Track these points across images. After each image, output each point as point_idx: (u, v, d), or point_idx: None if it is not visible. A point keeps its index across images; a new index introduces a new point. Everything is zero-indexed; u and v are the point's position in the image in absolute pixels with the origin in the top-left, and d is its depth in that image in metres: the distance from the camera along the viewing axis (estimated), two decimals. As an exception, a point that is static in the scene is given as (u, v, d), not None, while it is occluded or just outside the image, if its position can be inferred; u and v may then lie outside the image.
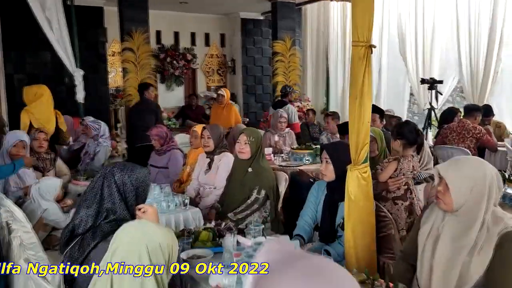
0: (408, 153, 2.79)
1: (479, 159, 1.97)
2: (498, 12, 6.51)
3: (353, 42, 2.26)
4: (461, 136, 4.97)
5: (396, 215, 2.74)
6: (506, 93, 6.78)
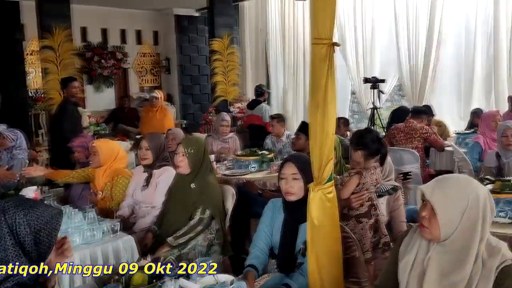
0: (370, 165, 2.50)
1: (467, 177, 1.69)
2: (436, 11, 6.53)
3: (314, 40, 1.90)
4: (408, 137, 4.86)
5: (360, 235, 2.44)
6: (446, 92, 6.83)
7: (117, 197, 3.42)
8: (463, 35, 6.56)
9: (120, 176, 3.48)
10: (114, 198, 3.42)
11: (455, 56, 6.70)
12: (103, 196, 3.50)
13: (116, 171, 3.50)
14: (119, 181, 3.46)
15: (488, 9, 6.20)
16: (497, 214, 2.64)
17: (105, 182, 3.52)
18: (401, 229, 2.61)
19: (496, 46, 6.11)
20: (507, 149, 3.55)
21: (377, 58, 7.52)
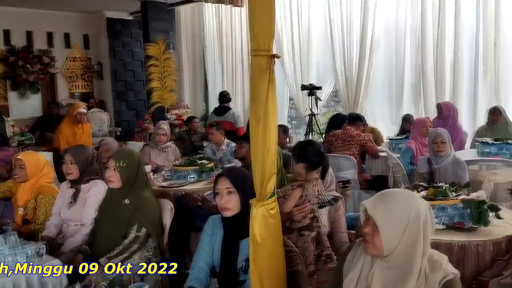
0: (312, 177, 2.48)
1: (408, 192, 1.70)
2: (368, 20, 6.75)
3: (253, 52, 1.83)
4: (346, 143, 4.96)
5: (303, 248, 2.41)
6: (379, 98, 7.08)
7: (41, 217, 3.16)
8: (394, 44, 6.84)
9: (44, 195, 3.22)
10: (38, 218, 3.15)
11: (387, 64, 6.96)
12: (24, 213, 3.22)
13: (41, 188, 3.23)
14: (43, 201, 3.20)
15: (416, 19, 6.50)
16: (432, 220, 2.73)
17: (28, 199, 3.24)
18: (342, 240, 2.61)
19: (423, 55, 6.42)
20: (437, 155, 3.69)
21: (313, 65, 7.65)
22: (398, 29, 6.73)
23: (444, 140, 3.67)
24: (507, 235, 2.53)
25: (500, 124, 5.45)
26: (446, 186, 3.01)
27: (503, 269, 2.35)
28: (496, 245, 2.48)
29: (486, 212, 2.64)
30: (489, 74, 5.93)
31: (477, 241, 2.47)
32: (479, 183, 4.07)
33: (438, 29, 6.22)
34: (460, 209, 2.72)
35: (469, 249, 2.47)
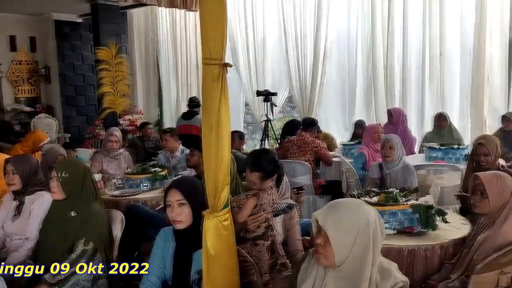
0: (267, 185, 2.46)
1: (357, 201, 1.71)
2: (321, 28, 6.88)
3: (205, 60, 1.80)
4: (301, 150, 4.99)
5: (257, 258, 2.38)
6: (332, 104, 7.22)
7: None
8: (346, 53, 7.01)
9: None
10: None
11: (339, 71, 7.13)
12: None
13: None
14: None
15: (366, 29, 6.70)
16: (383, 226, 2.78)
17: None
18: (297, 247, 2.61)
19: (374, 64, 6.62)
20: (386, 161, 3.78)
21: (268, 71, 7.71)
22: (350, 38, 6.91)
23: (392, 145, 3.76)
24: (453, 239, 2.61)
25: (446, 130, 5.70)
26: (396, 192, 3.09)
27: (451, 273, 2.42)
28: (444, 248, 2.56)
29: (434, 217, 2.72)
30: (435, 82, 6.20)
31: (425, 245, 2.54)
32: (427, 187, 4.22)
33: (387, 39, 6.44)
34: (410, 214, 2.79)
35: (418, 253, 2.53)
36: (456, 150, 4.80)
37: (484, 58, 5.72)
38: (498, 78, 5.79)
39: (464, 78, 6.04)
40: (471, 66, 5.89)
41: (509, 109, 5.67)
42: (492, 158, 3.29)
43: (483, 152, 3.28)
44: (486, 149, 3.27)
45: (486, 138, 3.42)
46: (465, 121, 6.08)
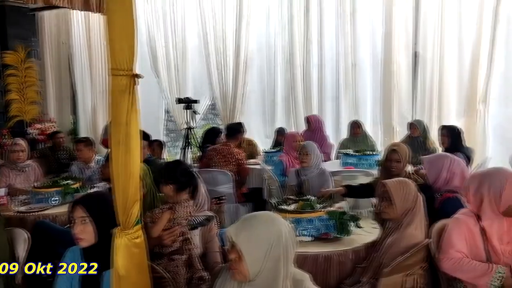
0: (182, 198, 2.40)
1: (270, 215, 1.72)
2: (242, 36, 6.94)
3: (112, 71, 1.71)
4: (225, 160, 4.92)
5: (174, 273, 2.31)
6: (253, 112, 7.30)
7: None
8: (266, 62, 7.14)
9: None
10: None
11: (261, 79, 7.23)
12: None
13: None
14: None
15: (285, 39, 6.87)
16: (300, 233, 2.84)
17: None
18: (216, 260, 2.57)
19: (293, 73, 6.82)
20: (303, 167, 3.88)
21: (189, 78, 7.61)
22: (269, 48, 7.05)
23: (307, 152, 3.87)
24: (365, 243, 2.73)
25: (361, 137, 6.01)
26: (313, 199, 3.18)
27: (361, 276, 2.53)
28: (356, 253, 2.66)
29: (348, 222, 2.83)
30: (349, 92, 6.52)
31: (339, 251, 2.63)
32: (343, 192, 4.41)
33: (305, 49, 6.67)
34: (326, 220, 2.88)
35: (333, 259, 2.61)
36: (369, 156, 5.07)
37: (392, 68, 6.11)
38: (405, 87, 6.21)
39: (375, 87, 6.41)
40: (380, 76, 6.26)
41: (415, 116, 6.09)
42: (403, 164, 3.47)
43: (395, 158, 3.44)
44: (398, 156, 3.43)
45: (399, 146, 3.59)
46: (377, 128, 6.44)
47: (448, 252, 2.24)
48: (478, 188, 2.26)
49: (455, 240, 2.24)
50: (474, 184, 2.29)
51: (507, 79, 5.70)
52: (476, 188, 2.27)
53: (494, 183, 2.22)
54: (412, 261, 2.35)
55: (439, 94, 5.96)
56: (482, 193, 2.24)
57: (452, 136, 4.78)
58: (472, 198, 2.29)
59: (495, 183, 2.22)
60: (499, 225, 2.22)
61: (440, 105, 5.98)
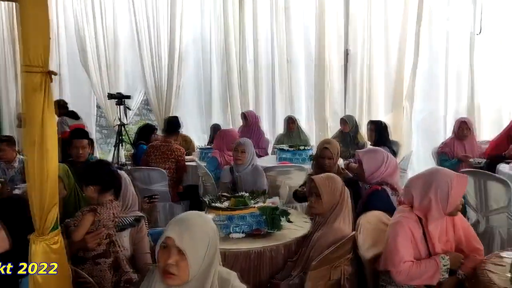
0: (106, 199, 2.30)
1: (199, 213, 1.71)
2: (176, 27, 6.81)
3: (25, 68, 1.60)
4: (164, 156, 4.79)
5: (99, 277, 2.22)
6: (189, 107, 7.20)
7: None
8: (201, 55, 7.06)
9: None
10: None
11: (196, 73, 7.15)
12: None
13: None
14: None
15: (220, 31, 6.83)
16: (233, 229, 2.84)
17: None
18: (146, 261, 2.51)
19: (229, 67, 6.79)
20: (237, 164, 3.87)
21: (121, 73, 7.35)
22: (204, 41, 6.98)
23: (244, 149, 3.86)
24: (296, 237, 2.77)
25: (295, 132, 6.11)
26: (246, 195, 3.19)
27: (292, 270, 2.57)
28: (287, 247, 2.71)
29: (279, 218, 2.87)
30: (284, 87, 6.62)
31: (271, 246, 2.65)
32: (277, 187, 4.48)
33: (240, 44, 6.68)
34: (258, 216, 2.90)
35: (264, 254, 2.63)
36: (302, 151, 5.16)
37: (325, 65, 6.28)
38: (337, 84, 6.41)
39: (309, 83, 6.55)
40: (314, 72, 6.41)
41: (346, 112, 6.30)
42: (334, 160, 3.57)
43: (327, 155, 3.53)
44: (330, 153, 3.52)
45: (330, 143, 3.67)
46: (311, 123, 6.60)
47: (398, 266, 2.17)
48: (425, 192, 2.21)
49: (401, 249, 2.19)
50: (419, 189, 2.24)
51: (431, 77, 6.05)
52: (422, 193, 2.22)
53: (440, 185, 2.18)
54: (339, 254, 2.42)
55: (369, 90, 6.21)
56: (430, 197, 2.19)
57: (378, 131, 5.00)
58: (418, 203, 2.24)
59: (441, 185, 2.18)
60: (441, 226, 2.25)
61: (370, 101, 6.24)
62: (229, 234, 2.81)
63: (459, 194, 2.22)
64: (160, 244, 1.54)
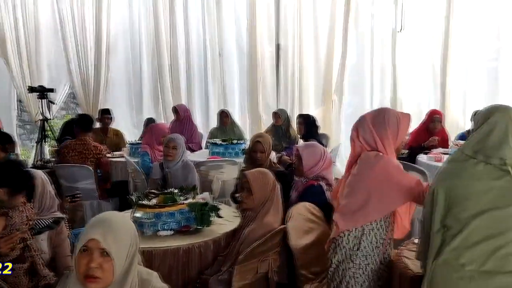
0: (18, 202, 2.14)
1: (118, 213, 1.65)
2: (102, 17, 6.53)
3: None
4: (82, 156, 4.54)
5: (14, 284, 2.07)
6: (119, 101, 6.95)
7: None
8: (130, 47, 6.83)
9: None
10: None
11: (126, 66, 6.90)
12: None
13: None
14: None
15: (150, 22, 6.64)
16: (161, 227, 2.78)
17: None
18: (66, 264, 2.38)
19: (159, 60, 6.63)
20: (168, 160, 3.79)
21: (44, 65, 6.93)
22: (134, 33, 6.76)
23: (175, 146, 3.78)
24: (225, 232, 2.77)
25: (229, 126, 6.10)
26: (175, 192, 3.13)
27: (222, 265, 2.57)
28: (216, 243, 2.69)
29: (208, 213, 2.85)
30: (217, 81, 6.58)
31: (199, 242, 2.62)
32: (210, 182, 4.45)
33: (171, 36, 6.53)
34: (187, 213, 2.85)
35: (193, 251, 2.60)
36: (236, 145, 5.16)
37: (257, 59, 6.32)
38: (270, 78, 6.48)
39: (242, 77, 6.56)
40: (247, 66, 6.43)
41: (279, 106, 6.40)
42: (266, 154, 3.59)
43: (259, 149, 3.54)
44: (262, 146, 3.53)
45: (263, 137, 3.68)
46: (244, 117, 6.62)
47: (420, 185, 2.07)
48: (380, 131, 2.13)
49: (403, 173, 2.10)
50: (368, 129, 2.14)
51: (358, 71, 6.29)
52: (380, 132, 2.13)
53: (391, 120, 2.13)
54: (267, 247, 2.45)
55: (300, 84, 6.35)
56: (383, 135, 2.12)
57: (307, 124, 5.12)
58: (380, 142, 2.13)
59: (392, 120, 2.13)
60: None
61: (301, 95, 6.38)
62: (157, 232, 2.75)
63: (406, 128, 2.21)
64: (80, 247, 1.46)
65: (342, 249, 2.12)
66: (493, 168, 1.67)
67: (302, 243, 2.48)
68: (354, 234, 2.10)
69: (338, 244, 2.13)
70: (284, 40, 6.31)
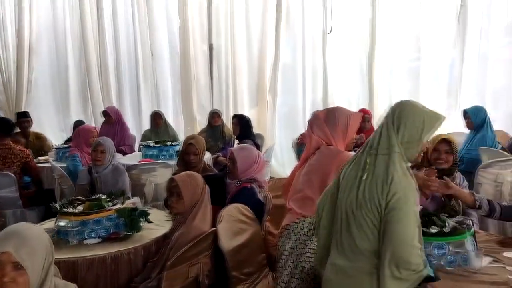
0: None
1: (32, 225, 1.55)
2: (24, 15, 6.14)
3: None
4: (7, 161, 4.27)
5: None
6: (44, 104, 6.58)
7: None
8: (55, 46, 6.49)
9: None
10: None
11: (50, 67, 6.55)
12: None
13: None
14: None
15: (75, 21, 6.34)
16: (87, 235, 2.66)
17: None
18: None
19: (87, 60, 6.36)
20: (96, 165, 3.64)
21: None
22: (58, 29, 6.42)
23: (104, 149, 3.64)
24: (155, 237, 2.70)
25: (162, 127, 5.96)
26: (103, 198, 3.01)
27: (152, 271, 2.51)
28: (146, 248, 2.62)
29: (138, 219, 2.76)
30: (149, 81, 6.43)
31: (128, 249, 2.54)
32: (142, 185, 4.33)
33: (98, 35, 6.30)
34: (115, 219, 2.75)
35: (122, 258, 2.51)
36: (170, 147, 5.07)
37: (189, 59, 6.24)
38: (203, 78, 6.43)
39: (175, 77, 6.46)
40: (179, 66, 6.33)
41: (213, 106, 6.36)
42: (199, 156, 3.55)
43: (192, 151, 3.48)
44: (195, 148, 3.49)
45: (195, 138, 3.63)
46: (179, 118, 6.52)
47: None
48: (331, 128, 2.32)
49: None
50: (321, 125, 2.35)
51: (290, 72, 6.41)
52: (331, 129, 2.32)
53: (341, 118, 2.32)
54: (197, 251, 2.42)
55: (234, 84, 6.36)
56: (333, 131, 2.31)
57: (241, 125, 5.14)
58: (332, 138, 2.33)
59: (342, 118, 2.32)
60: None
61: (235, 95, 6.39)
62: (83, 240, 2.63)
63: (355, 126, 2.39)
64: None
65: (297, 235, 2.23)
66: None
67: (233, 244, 2.48)
68: (309, 220, 2.18)
69: (292, 230, 2.25)
70: (217, 40, 6.29)
